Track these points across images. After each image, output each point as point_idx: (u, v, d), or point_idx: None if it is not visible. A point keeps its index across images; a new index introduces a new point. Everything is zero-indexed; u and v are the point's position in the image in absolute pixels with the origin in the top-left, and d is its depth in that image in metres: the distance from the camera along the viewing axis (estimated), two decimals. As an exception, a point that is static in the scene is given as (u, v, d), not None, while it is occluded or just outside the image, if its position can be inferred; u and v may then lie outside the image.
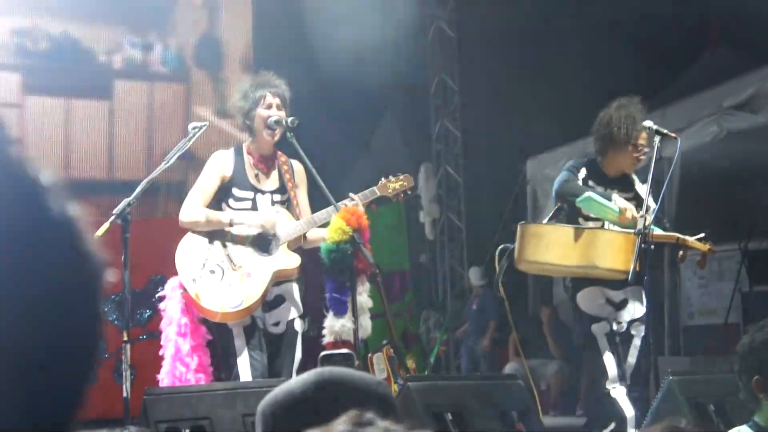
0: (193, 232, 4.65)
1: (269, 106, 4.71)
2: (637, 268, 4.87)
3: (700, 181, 9.43)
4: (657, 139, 5.30)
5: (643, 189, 5.36)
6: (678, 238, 5.18)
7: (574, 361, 9.78)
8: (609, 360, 5.11)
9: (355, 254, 4.54)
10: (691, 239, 5.20)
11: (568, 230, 5.09)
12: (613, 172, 5.42)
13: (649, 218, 4.90)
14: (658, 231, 5.15)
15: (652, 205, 5.07)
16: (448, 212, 11.54)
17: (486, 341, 10.49)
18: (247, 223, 4.64)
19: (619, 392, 5.05)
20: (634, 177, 5.54)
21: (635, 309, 5.24)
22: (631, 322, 5.19)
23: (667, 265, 8.80)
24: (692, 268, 9.30)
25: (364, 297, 4.64)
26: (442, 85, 11.63)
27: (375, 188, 4.94)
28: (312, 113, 8.93)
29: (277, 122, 4.68)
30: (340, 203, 4.69)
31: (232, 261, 4.61)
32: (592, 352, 5.21)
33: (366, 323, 4.67)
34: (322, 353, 4.51)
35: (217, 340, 4.64)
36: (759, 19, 10.07)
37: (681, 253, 5.28)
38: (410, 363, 5.83)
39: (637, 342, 5.18)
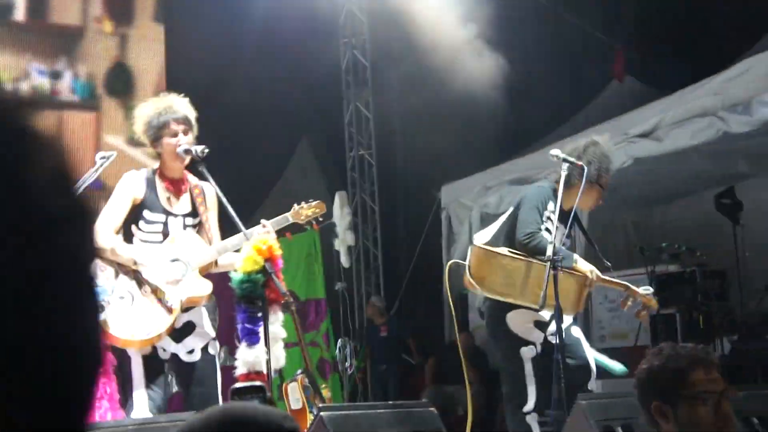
0: (101, 258, 4.57)
1: (174, 134, 4.65)
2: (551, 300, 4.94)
3: (609, 207, 9.65)
4: (565, 166, 5.41)
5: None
6: (627, 287, 5.28)
7: (492, 384, 9.88)
8: (531, 386, 5.19)
9: (267, 284, 4.51)
10: (640, 291, 5.33)
11: (526, 267, 5.06)
12: (566, 207, 5.37)
13: (556, 245, 5.00)
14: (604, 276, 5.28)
15: (557, 238, 5.12)
16: (364, 240, 11.57)
17: (416, 358, 10.62)
18: (150, 271, 4.54)
19: (533, 419, 5.14)
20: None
21: (566, 319, 5.27)
22: (568, 328, 5.27)
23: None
24: (603, 292, 9.50)
25: (276, 327, 4.61)
26: (357, 113, 11.69)
27: (288, 215, 4.93)
28: (225, 140, 8.89)
29: (186, 151, 4.64)
30: (252, 230, 4.66)
31: (142, 287, 4.53)
32: (516, 373, 5.26)
33: (279, 353, 4.65)
34: (232, 387, 4.46)
35: (117, 366, 4.55)
36: (663, 50, 10.40)
37: (627, 302, 5.35)
38: (326, 392, 5.79)
39: (582, 337, 5.36)
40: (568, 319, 5.30)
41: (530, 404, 5.18)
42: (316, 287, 9.62)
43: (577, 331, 5.41)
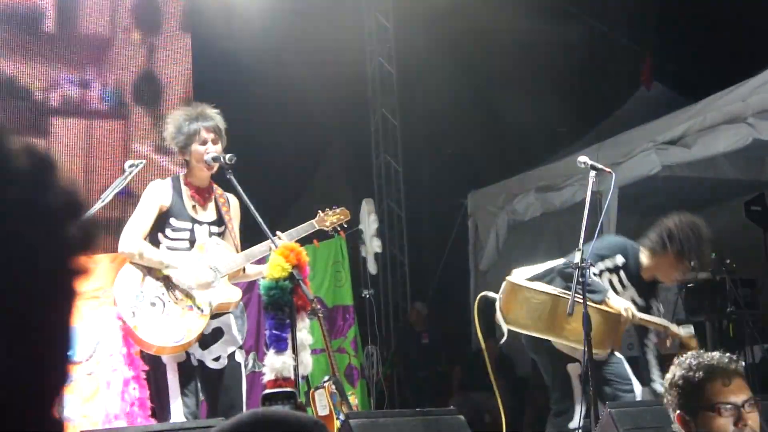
0: (131, 263, 4.59)
1: (204, 142, 4.68)
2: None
3: (637, 214, 9.59)
4: (592, 174, 5.39)
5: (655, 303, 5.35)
6: (666, 327, 5.20)
7: (518, 392, 9.83)
8: (578, 404, 5.11)
9: (294, 291, 4.52)
10: (681, 332, 5.20)
11: (555, 301, 4.98)
12: (647, 277, 5.32)
13: (582, 253, 4.93)
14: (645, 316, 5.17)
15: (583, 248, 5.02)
16: (391, 247, 11.57)
17: (443, 368, 10.65)
18: (181, 273, 4.57)
19: None
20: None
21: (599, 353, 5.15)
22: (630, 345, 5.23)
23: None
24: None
25: (304, 333, 4.62)
26: (383, 120, 11.70)
27: (313, 221, 4.96)
28: (253, 150, 8.92)
29: (215, 159, 4.67)
30: (266, 242, 4.68)
31: (172, 293, 4.56)
32: (562, 388, 5.19)
33: (307, 360, 4.65)
34: (264, 392, 4.47)
35: (150, 373, 4.58)
36: (691, 57, 10.34)
37: (667, 343, 5.29)
38: (353, 399, 5.79)
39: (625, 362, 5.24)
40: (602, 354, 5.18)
41: (575, 422, 5.10)
42: (343, 294, 9.62)
43: (573, 369, 5.26)
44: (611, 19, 10.96)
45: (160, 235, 4.66)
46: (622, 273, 5.22)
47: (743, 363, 2.85)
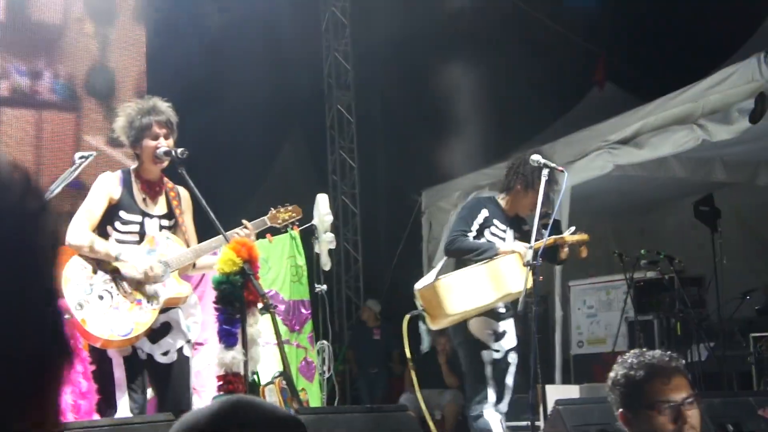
0: (80, 255, 4.53)
1: (156, 137, 4.64)
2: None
3: (588, 214, 9.68)
4: (545, 172, 5.45)
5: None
6: (555, 239, 5.37)
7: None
8: (490, 387, 5.36)
9: (245, 285, 4.50)
10: (567, 235, 5.44)
11: (473, 271, 5.24)
12: (510, 212, 5.62)
13: (532, 252, 5.07)
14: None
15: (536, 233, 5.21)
16: (345, 243, 11.57)
17: (397, 367, 10.63)
18: (131, 266, 4.53)
19: (494, 416, 5.24)
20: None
21: (511, 339, 5.53)
22: (508, 351, 5.42)
23: (557, 296, 8.98)
24: (582, 298, 9.54)
25: (254, 328, 4.60)
26: (338, 116, 11.69)
27: (265, 218, 4.94)
28: (208, 144, 8.87)
29: (166, 153, 4.62)
30: (231, 231, 4.65)
31: (121, 287, 4.51)
32: (477, 375, 5.41)
33: (256, 355, 4.63)
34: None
35: (96, 367, 4.53)
36: (643, 58, 10.46)
37: (565, 249, 5.42)
38: (303, 394, 5.78)
39: (513, 369, 5.43)
40: (514, 340, 5.48)
41: (490, 403, 5.35)
42: (301, 288, 9.61)
43: (514, 357, 5.50)
44: (566, 19, 11.05)
45: (109, 228, 4.61)
46: (496, 221, 5.52)
47: (683, 361, 2.89)
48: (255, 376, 4.92)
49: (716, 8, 9.84)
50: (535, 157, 5.57)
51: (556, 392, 7.77)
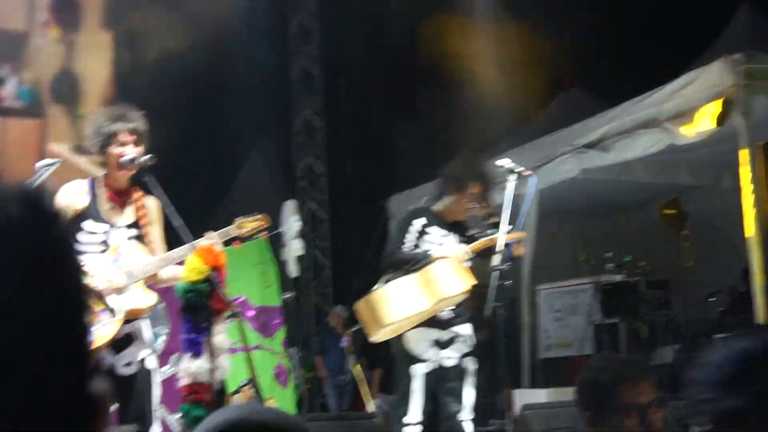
0: None
1: (123, 144, 4.60)
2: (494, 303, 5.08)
3: (555, 217, 9.74)
4: (512, 176, 5.48)
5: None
6: (490, 239, 5.37)
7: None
8: (416, 400, 5.28)
9: (211, 294, 4.47)
10: (501, 236, 5.35)
11: (404, 280, 5.24)
12: (449, 219, 5.59)
13: (500, 257, 5.07)
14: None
15: (502, 239, 5.22)
16: (313, 249, 11.55)
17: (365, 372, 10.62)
18: (93, 280, 4.48)
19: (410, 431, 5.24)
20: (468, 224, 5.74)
21: (465, 344, 5.47)
22: (462, 357, 5.37)
23: (525, 300, 9.02)
24: (550, 302, 9.59)
25: (221, 337, 4.56)
26: (306, 122, 11.67)
27: (230, 228, 4.90)
28: (175, 151, 8.81)
29: (132, 161, 4.58)
30: (195, 242, 4.61)
31: None
32: (405, 388, 5.36)
33: (224, 364, 4.60)
34: None
35: None
36: (609, 61, 10.54)
37: (493, 256, 5.39)
38: (271, 402, 5.76)
39: (471, 375, 5.40)
40: (470, 345, 5.47)
41: (411, 417, 5.28)
42: (272, 294, 9.57)
43: (469, 362, 5.48)
44: (533, 23, 11.11)
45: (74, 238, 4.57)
46: (433, 229, 5.49)
47: (650, 363, 2.92)
48: (222, 385, 4.88)
49: (681, 13, 9.94)
50: (502, 162, 5.60)
51: (525, 396, 7.81)
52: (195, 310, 4.47)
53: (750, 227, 6.72)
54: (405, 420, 5.27)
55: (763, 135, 7.02)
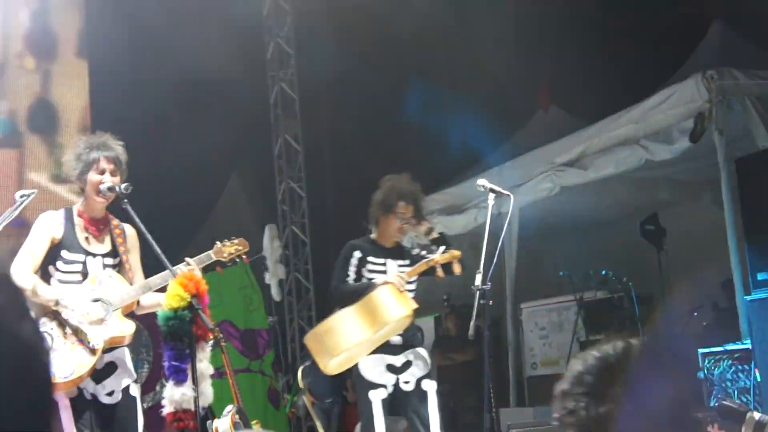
0: None
1: (102, 171, 4.59)
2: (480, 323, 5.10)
3: (537, 235, 9.76)
4: (492, 196, 5.51)
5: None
6: (427, 261, 5.44)
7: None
8: (379, 425, 5.35)
9: (194, 320, 4.45)
10: (437, 257, 5.44)
11: (347, 310, 5.29)
12: (387, 243, 5.66)
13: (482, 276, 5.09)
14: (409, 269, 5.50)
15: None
16: (295, 272, 11.51)
17: (351, 396, 10.55)
18: (70, 311, 4.44)
19: None
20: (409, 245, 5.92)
21: (420, 367, 5.52)
22: (419, 380, 5.42)
23: (509, 318, 9.03)
24: (533, 320, 9.59)
25: (204, 364, 4.54)
26: (286, 146, 11.67)
27: (211, 252, 4.89)
28: (154, 177, 8.78)
29: (110, 189, 4.57)
30: (176, 267, 4.60)
31: (63, 328, 4.42)
32: (366, 414, 5.41)
33: (207, 390, 4.57)
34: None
35: None
36: (585, 79, 10.61)
37: (439, 272, 5.44)
38: (257, 427, 5.72)
39: (432, 396, 5.42)
40: (425, 367, 5.51)
41: None
42: (257, 317, 9.55)
43: (428, 384, 5.48)
44: (509, 42, 11.18)
45: (51, 268, 4.53)
46: (370, 258, 5.58)
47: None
48: (207, 411, 4.85)
49: (655, 30, 10.03)
50: (481, 182, 5.64)
51: (511, 415, 7.80)
52: (177, 337, 4.45)
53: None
54: None
55: (739, 150, 7.09)
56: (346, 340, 5.25)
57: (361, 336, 5.25)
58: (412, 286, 5.56)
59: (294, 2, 11.65)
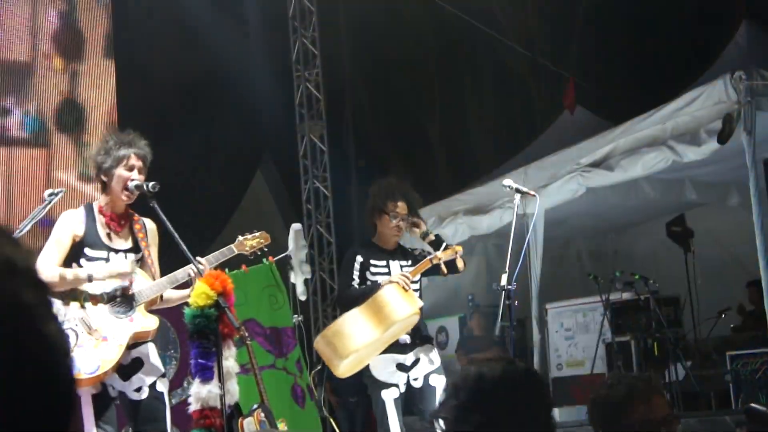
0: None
1: (131, 168, 4.61)
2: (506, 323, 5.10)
3: (562, 237, 9.74)
4: (517, 197, 5.50)
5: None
6: (429, 260, 5.41)
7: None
8: (394, 424, 5.36)
9: (220, 318, 4.46)
10: (439, 253, 5.41)
11: (354, 312, 5.30)
12: (387, 245, 5.64)
13: (509, 277, 5.08)
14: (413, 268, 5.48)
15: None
16: (320, 272, 11.54)
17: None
18: (105, 275, 4.47)
19: None
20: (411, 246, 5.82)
21: (429, 363, 5.51)
22: (427, 375, 5.43)
23: (534, 318, 9.00)
24: (559, 320, 9.56)
25: (230, 362, 4.55)
26: (311, 146, 11.70)
27: (232, 246, 4.91)
28: (180, 176, 8.86)
29: (138, 187, 4.59)
30: (199, 259, 4.62)
31: (87, 324, 4.44)
32: (381, 413, 5.44)
33: (233, 388, 4.58)
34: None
35: None
36: (612, 81, 10.57)
37: (444, 269, 5.43)
38: (282, 425, 5.74)
39: (440, 391, 5.43)
40: (435, 363, 5.51)
41: None
42: (282, 316, 9.57)
43: (436, 380, 5.48)
44: (536, 43, 11.16)
45: (74, 266, 4.56)
46: (372, 262, 5.56)
47: (662, 381, 2.91)
48: (232, 409, 4.87)
49: (683, 31, 9.97)
50: (507, 182, 5.63)
51: (536, 416, 7.76)
52: (204, 335, 4.46)
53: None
54: None
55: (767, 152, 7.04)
56: (354, 341, 5.27)
57: (370, 336, 5.27)
58: (417, 286, 5.57)
59: (320, 3, 11.67)
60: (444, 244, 5.52)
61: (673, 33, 10.21)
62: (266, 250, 5.11)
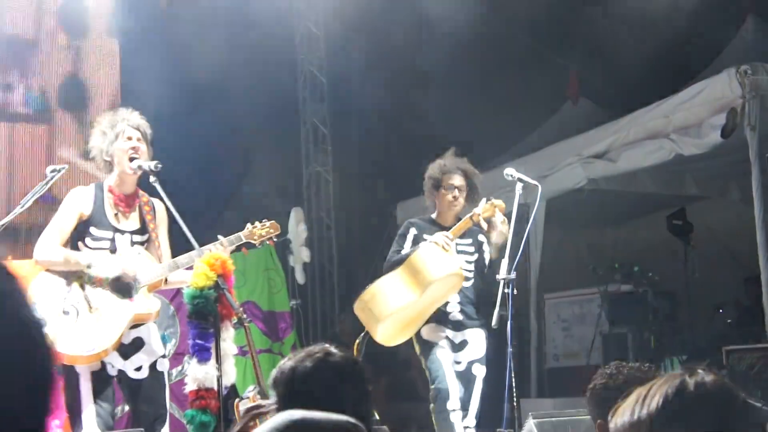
0: (49, 271, 4.49)
1: (129, 139, 4.64)
2: (502, 312, 5.09)
3: (561, 227, 9.73)
4: (519, 186, 5.50)
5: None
6: (470, 217, 5.47)
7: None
8: (453, 382, 5.30)
9: (219, 300, 4.48)
10: (478, 209, 5.47)
11: (391, 274, 5.31)
12: (446, 221, 5.65)
13: (508, 265, 5.08)
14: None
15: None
16: (320, 257, 11.54)
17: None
18: (106, 268, 4.49)
19: (457, 417, 5.22)
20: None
21: (475, 350, 5.50)
22: (471, 363, 5.40)
23: (532, 309, 9.01)
24: (555, 311, 9.57)
25: (228, 343, 4.57)
26: (313, 130, 11.68)
27: (241, 234, 4.91)
28: (181, 156, 8.81)
29: (140, 167, 4.60)
30: (206, 246, 4.63)
31: (89, 302, 4.46)
32: (436, 374, 5.37)
33: (230, 369, 4.60)
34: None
35: (64, 382, 4.48)
36: (616, 73, 10.55)
37: (483, 225, 5.51)
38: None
39: (479, 382, 5.39)
40: (480, 351, 5.50)
41: (453, 401, 5.30)
42: (280, 300, 9.58)
43: (478, 369, 5.50)
44: (539, 33, 11.12)
45: (80, 244, 4.57)
46: (425, 236, 5.56)
47: (661, 373, 2.92)
48: (228, 391, 4.88)
49: (688, 24, 9.93)
50: (509, 171, 5.63)
51: (531, 406, 7.79)
52: (202, 316, 4.48)
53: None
54: (448, 407, 5.29)
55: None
56: (391, 304, 5.21)
57: (406, 299, 5.19)
58: (465, 248, 5.54)
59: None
60: (483, 200, 5.51)
61: (679, 25, 10.17)
62: (275, 240, 5.12)
